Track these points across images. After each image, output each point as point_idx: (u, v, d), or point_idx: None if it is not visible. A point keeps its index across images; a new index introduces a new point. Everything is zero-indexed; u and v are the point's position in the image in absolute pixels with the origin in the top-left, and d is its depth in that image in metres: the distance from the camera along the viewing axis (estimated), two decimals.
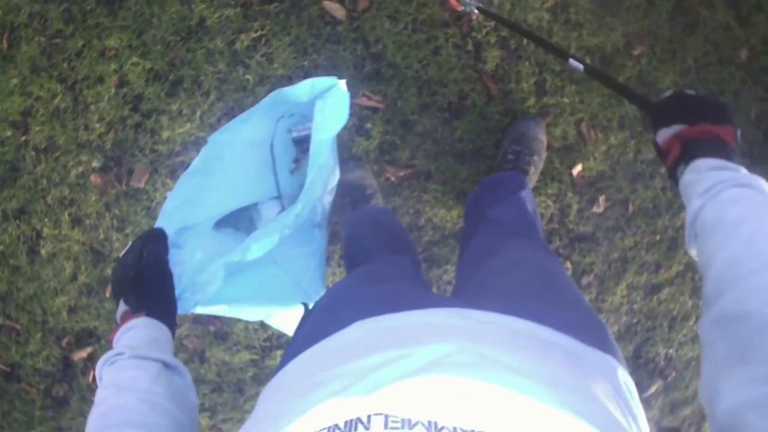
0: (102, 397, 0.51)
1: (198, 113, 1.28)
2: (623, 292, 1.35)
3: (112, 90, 1.31)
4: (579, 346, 0.49)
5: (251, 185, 0.98)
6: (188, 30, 1.27)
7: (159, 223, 0.76)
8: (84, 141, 1.34)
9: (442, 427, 0.32)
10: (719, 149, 0.54)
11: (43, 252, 1.40)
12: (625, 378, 0.49)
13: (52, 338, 1.45)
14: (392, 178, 1.26)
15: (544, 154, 1.23)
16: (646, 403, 1.44)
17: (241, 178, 0.92)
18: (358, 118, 1.24)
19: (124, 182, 1.33)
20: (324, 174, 0.82)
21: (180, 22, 1.27)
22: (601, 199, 1.29)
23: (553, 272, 0.72)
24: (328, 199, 1.02)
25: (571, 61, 0.77)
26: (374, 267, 0.83)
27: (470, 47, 1.23)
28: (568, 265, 1.31)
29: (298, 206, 0.78)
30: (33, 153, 1.37)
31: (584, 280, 1.33)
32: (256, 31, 1.24)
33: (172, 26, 1.27)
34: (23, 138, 1.37)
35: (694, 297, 1.37)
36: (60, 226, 1.38)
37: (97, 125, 1.32)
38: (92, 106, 1.32)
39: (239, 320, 1.35)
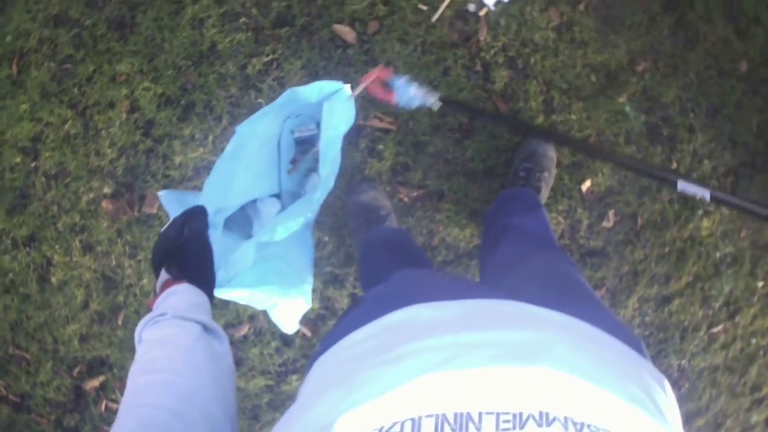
0: (143, 351, 0.51)
1: (210, 138, 1.29)
2: (635, 305, 1.36)
3: (124, 115, 1.32)
4: (634, 354, 0.50)
5: (261, 179, 1.04)
6: (200, 55, 1.28)
7: (200, 201, 0.80)
8: (95, 167, 1.34)
9: (554, 418, 0.32)
10: None
11: (53, 280, 1.40)
12: (669, 387, 0.50)
13: (63, 367, 1.44)
14: (405, 199, 1.27)
15: (554, 171, 1.25)
16: None
17: (256, 171, 0.99)
18: (371, 140, 1.26)
19: (136, 208, 1.33)
20: (337, 166, 0.87)
21: (191, 47, 1.28)
22: (611, 213, 1.31)
23: (585, 285, 0.73)
24: (331, 184, 1.06)
25: (699, 191, 0.69)
26: (407, 273, 0.80)
27: (479, 67, 1.25)
28: None
29: (317, 193, 0.85)
30: (43, 179, 1.37)
31: (596, 294, 1.34)
32: (268, 55, 1.26)
33: (184, 51, 1.29)
34: (33, 164, 1.37)
35: (704, 307, 1.39)
36: (71, 253, 1.38)
37: (109, 151, 1.33)
38: (103, 132, 1.33)
39: (254, 345, 1.34)
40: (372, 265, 1.08)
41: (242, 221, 1.08)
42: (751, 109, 1.35)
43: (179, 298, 0.59)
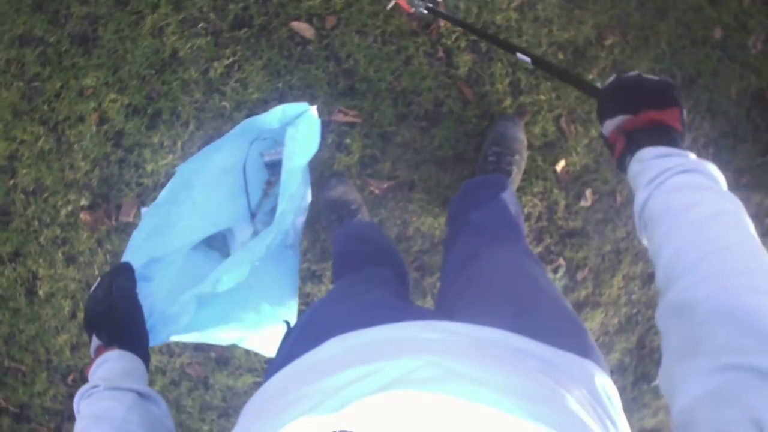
0: (80, 428, 0.53)
1: (179, 143, 1.31)
2: (620, 284, 1.36)
3: (94, 128, 1.34)
4: (554, 353, 0.50)
5: (223, 211, 1.00)
6: (162, 63, 1.30)
7: (126, 257, 0.79)
8: (71, 180, 1.37)
9: None
10: (663, 136, 0.54)
11: (40, 292, 1.44)
12: (603, 383, 0.50)
13: (57, 376, 1.48)
14: (376, 191, 1.28)
15: (525, 153, 1.25)
16: (655, 391, 1.44)
17: (212, 205, 0.95)
18: (337, 135, 1.27)
19: (113, 217, 1.36)
20: (294, 203, 0.85)
21: (153, 56, 1.30)
22: (588, 192, 1.31)
23: (532, 277, 0.73)
24: (300, 221, 1.04)
25: (519, 54, 0.78)
26: (350, 280, 0.85)
27: (441, 54, 1.25)
28: (562, 261, 1.33)
29: (269, 236, 0.81)
30: (22, 196, 1.41)
31: (579, 275, 1.34)
32: (228, 58, 1.27)
33: (146, 60, 1.30)
34: (11, 182, 1.41)
35: None
36: (55, 266, 1.42)
37: (82, 164, 1.36)
38: (75, 146, 1.36)
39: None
40: (344, 261, 1.09)
41: (220, 243, 1.08)
42: (729, 76, 1.32)
43: (111, 366, 0.61)
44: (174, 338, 0.81)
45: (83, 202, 1.37)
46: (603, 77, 1.29)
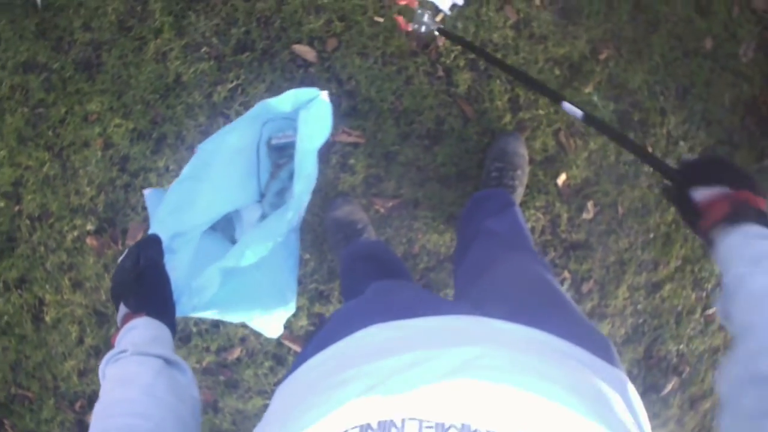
0: (106, 390, 0.53)
1: (184, 167, 1.33)
2: (625, 294, 1.38)
3: (99, 153, 1.36)
4: (593, 359, 0.51)
5: (237, 190, 1.03)
6: (166, 87, 1.32)
7: (153, 230, 0.80)
8: (76, 205, 1.39)
9: (476, 430, 0.33)
10: (764, 219, 0.54)
11: (47, 318, 1.45)
12: (633, 392, 0.50)
13: (65, 403, 1.48)
14: (381, 210, 1.30)
15: (527, 168, 1.27)
16: (664, 401, 1.45)
17: (227, 184, 0.98)
18: (341, 155, 1.29)
19: (120, 242, 1.38)
20: (310, 183, 0.87)
21: (157, 81, 1.32)
22: (590, 205, 1.33)
23: (553, 286, 0.74)
24: (306, 199, 1.06)
25: (565, 105, 0.77)
26: (383, 284, 0.83)
27: (441, 73, 1.28)
28: (566, 274, 1.35)
29: (288, 214, 0.84)
30: (28, 222, 1.42)
31: (584, 287, 1.36)
32: (232, 82, 1.30)
33: (150, 85, 1.33)
34: (17, 208, 1.42)
35: (697, 289, 1.40)
36: (61, 292, 1.43)
37: (88, 189, 1.37)
38: (81, 171, 1.38)
39: (248, 367, 1.38)
40: (352, 280, 1.11)
41: (225, 225, 1.10)
42: (722, 85, 1.35)
43: (139, 332, 0.60)
44: (194, 314, 0.83)
45: (89, 227, 1.39)
46: (599, 91, 1.32)
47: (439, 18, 1.26)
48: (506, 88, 1.29)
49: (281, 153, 1.12)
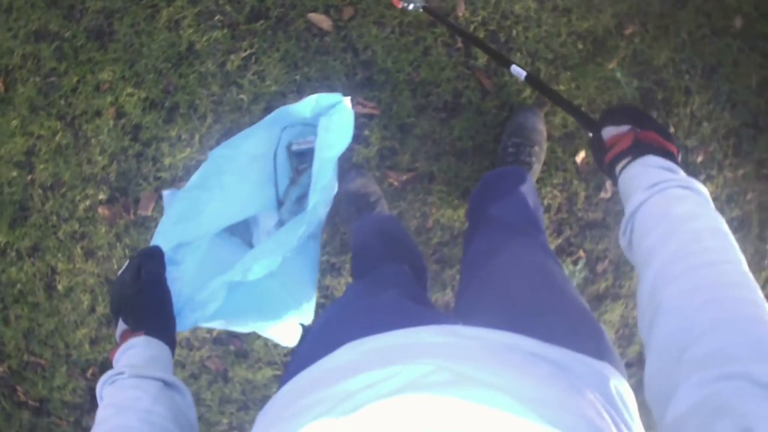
0: (102, 417, 0.52)
1: (197, 137, 1.32)
2: None
3: (111, 122, 1.35)
4: (569, 356, 0.51)
5: (251, 198, 1.00)
6: (179, 56, 1.30)
7: (155, 240, 0.78)
8: (88, 175, 1.38)
9: None
10: (668, 156, 0.56)
11: (59, 287, 1.45)
12: (618, 386, 0.50)
13: (77, 370, 1.49)
14: (395, 183, 1.28)
15: (545, 145, 1.24)
16: None
17: (240, 193, 0.95)
18: (356, 127, 1.26)
19: (131, 211, 1.37)
20: (327, 195, 0.84)
21: (170, 49, 1.30)
22: (608, 183, 1.30)
23: (550, 275, 0.73)
24: (324, 211, 1.04)
25: (513, 67, 0.79)
26: (366, 282, 0.85)
27: (459, 44, 1.24)
28: (582, 253, 1.33)
29: (301, 228, 0.81)
30: (40, 191, 1.41)
31: (599, 267, 1.34)
32: (246, 50, 1.27)
33: (163, 54, 1.30)
34: (29, 177, 1.42)
35: None
36: (74, 261, 1.43)
37: (100, 158, 1.37)
38: (93, 140, 1.36)
39: (259, 337, 1.38)
40: (362, 255, 1.10)
41: (243, 230, 1.08)
42: (750, 66, 1.31)
43: (137, 352, 0.60)
44: (198, 325, 0.81)
45: (101, 196, 1.38)
46: (623, 67, 1.28)
47: None
48: (527, 61, 1.26)
49: (302, 159, 1.08)
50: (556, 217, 1.31)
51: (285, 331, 0.99)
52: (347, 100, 0.85)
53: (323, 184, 0.81)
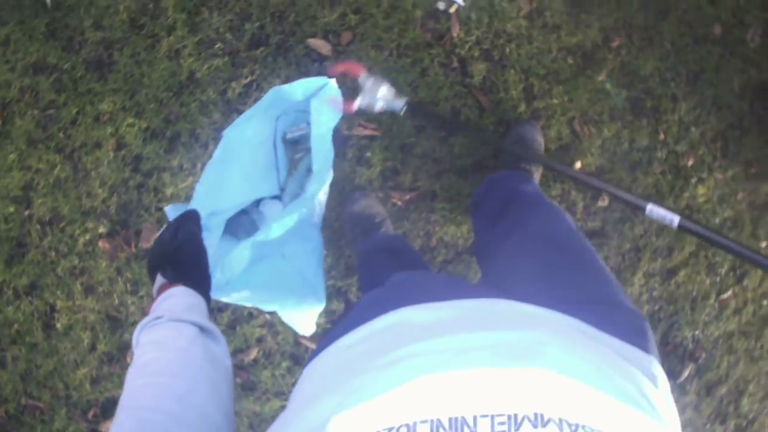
0: (139, 354, 0.53)
1: (199, 166, 1.32)
2: (641, 281, 1.38)
3: (111, 154, 1.35)
4: (628, 349, 0.51)
5: (259, 181, 1.07)
6: (179, 85, 1.32)
7: (192, 206, 0.82)
8: (88, 208, 1.37)
9: (549, 419, 0.32)
10: None
11: (58, 325, 1.42)
12: (664, 382, 0.50)
13: (77, 412, 1.45)
14: (399, 203, 1.30)
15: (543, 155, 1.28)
16: (681, 388, 1.46)
17: (251, 174, 1.02)
18: (357, 149, 1.29)
19: (133, 244, 1.36)
20: (329, 160, 0.90)
21: (170, 78, 1.32)
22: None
23: (588, 251, 0.73)
24: (323, 199, 1.08)
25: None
26: (406, 274, 0.81)
27: (456, 64, 1.29)
28: None
29: (311, 188, 0.88)
30: (38, 226, 1.40)
31: None
32: (246, 77, 1.30)
33: (163, 83, 1.32)
34: (27, 212, 1.40)
35: (711, 275, 1.41)
36: (73, 297, 1.41)
37: (100, 191, 1.36)
38: (92, 172, 1.36)
39: (265, 368, 1.36)
40: (370, 274, 1.10)
41: (248, 227, 1.10)
42: (731, 70, 1.38)
43: (175, 300, 0.61)
44: (227, 298, 0.86)
45: (101, 230, 1.37)
46: (612, 78, 1.34)
47: (453, 9, 1.27)
48: (521, 77, 1.30)
49: (296, 147, 1.14)
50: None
51: (302, 316, 1.05)
52: (333, 81, 0.93)
53: (324, 150, 0.88)
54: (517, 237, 0.79)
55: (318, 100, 0.92)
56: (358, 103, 0.99)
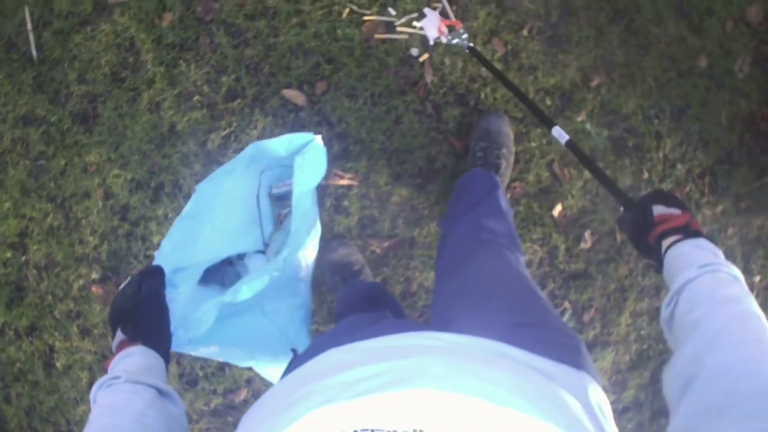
0: (96, 415, 0.53)
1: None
2: (627, 321, 1.38)
3: (99, 203, 1.41)
4: (551, 365, 0.53)
5: (238, 236, 1.07)
6: (161, 137, 1.36)
7: (157, 262, 0.84)
8: (81, 255, 1.43)
9: None
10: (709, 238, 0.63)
11: (58, 365, 1.50)
12: (597, 396, 0.53)
13: None
14: (377, 251, 1.32)
15: (512, 147, 1.27)
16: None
17: (228, 228, 1.01)
18: (335, 198, 1.32)
19: None
20: (307, 222, 0.91)
21: (152, 131, 1.36)
22: (587, 234, 1.34)
23: (525, 287, 0.76)
24: (311, 254, 1.09)
25: (556, 129, 0.86)
26: (356, 317, 0.86)
27: (430, 110, 1.30)
28: (567, 304, 1.36)
29: (285, 251, 0.89)
30: (35, 271, 1.47)
31: (586, 317, 1.37)
32: (225, 129, 1.33)
33: (146, 135, 1.37)
34: (23, 258, 1.47)
35: None
36: (71, 339, 1.48)
37: (91, 238, 1.42)
38: (83, 221, 1.42)
39: None
40: (347, 313, 1.12)
41: (233, 277, 1.14)
42: (718, 103, 1.36)
43: (133, 360, 0.62)
44: (195, 352, 0.87)
45: (94, 275, 1.43)
46: (593, 118, 1.33)
47: (423, 58, 1.28)
48: None
49: (282, 203, 1.15)
50: (538, 271, 1.35)
51: (277, 371, 1.05)
52: (318, 138, 0.93)
53: (303, 210, 0.89)
54: (460, 274, 0.82)
55: (302, 158, 0.92)
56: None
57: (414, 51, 1.29)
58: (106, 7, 1.40)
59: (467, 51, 1.22)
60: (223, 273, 1.13)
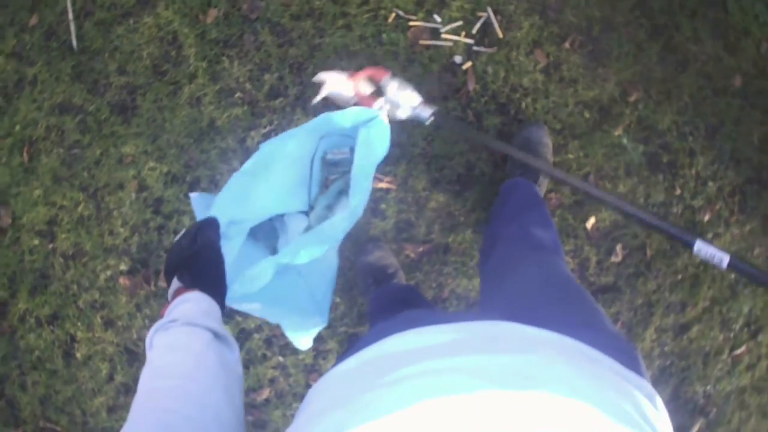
0: (154, 356, 0.53)
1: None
2: (653, 336, 1.40)
3: (133, 195, 1.41)
4: (622, 369, 0.52)
5: (288, 196, 1.08)
6: (200, 132, 1.37)
7: (213, 213, 0.84)
8: (110, 246, 1.43)
9: None
10: None
11: (78, 355, 1.49)
12: (661, 404, 0.50)
13: None
14: (412, 255, 1.33)
15: (551, 159, 1.30)
16: None
17: (281, 188, 1.03)
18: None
19: (152, 283, 1.42)
20: (365, 199, 0.92)
21: (191, 125, 1.37)
22: (618, 248, 1.35)
23: (580, 291, 0.77)
24: (358, 212, 1.11)
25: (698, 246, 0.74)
26: (415, 311, 0.83)
27: (471, 117, 1.31)
28: None
29: (344, 223, 0.89)
30: (61, 260, 1.47)
31: None
32: (265, 127, 1.34)
33: (185, 129, 1.37)
34: (51, 246, 1.47)
35: (725, 330, 1.42)
36: (93, 329, 1.47)
37: (121, 230, 1.42)
38: (115, 212, 1.42)
39: (277, 407, 1.41)
40: (380, 315, 1.14)
41: (268, 232, 1.15)
42: (751, 123, 1.38)
43: (191, 305, 0.61)
44: (240, 306, 0.88)
45: (122, 267, 1.43)
46: (629, 133, 1.35)
47: (467, 66, 1.30)
48: None
49: (333, 169, 1.16)
50: (557, 236, 1.36)
51: (303, 331, 1.08)
52: (383, 114, 0.95)
53: (364, 187, 0.89)
54: (512, 278, 0.81)
55: (367, 131, 0.93)
56: (379, 104, 0.97)
57: (458, 58, 1.31)
58: (149, 1, 1.42)
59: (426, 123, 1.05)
60: (256, 227, 1.13)
